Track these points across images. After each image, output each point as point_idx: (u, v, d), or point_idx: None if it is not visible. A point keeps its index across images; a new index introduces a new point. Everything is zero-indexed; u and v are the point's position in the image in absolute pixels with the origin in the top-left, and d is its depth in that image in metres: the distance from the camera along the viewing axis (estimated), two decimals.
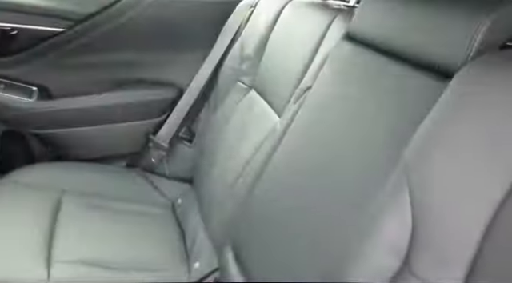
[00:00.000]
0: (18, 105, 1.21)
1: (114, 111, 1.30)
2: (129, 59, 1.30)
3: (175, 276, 0.97)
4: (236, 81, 1.19)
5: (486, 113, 0.45)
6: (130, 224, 1.09)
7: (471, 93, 0.47)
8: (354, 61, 0.68)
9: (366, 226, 0.53)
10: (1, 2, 1.13)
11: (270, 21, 1.12)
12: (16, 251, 0.89)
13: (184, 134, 1.33)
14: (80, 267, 0.89)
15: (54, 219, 1.01)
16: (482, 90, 0.46)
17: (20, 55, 1.20)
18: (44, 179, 1.15)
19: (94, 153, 1.33)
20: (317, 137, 0.68)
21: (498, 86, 0.46)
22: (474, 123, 0.46)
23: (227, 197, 0.96)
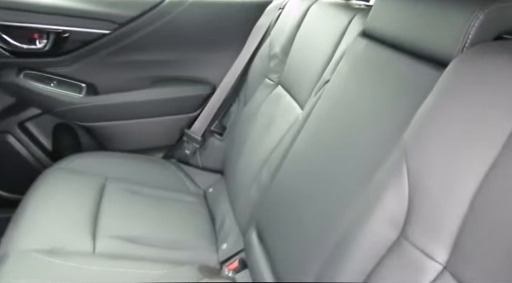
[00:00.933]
0: (69, 99, 1.34)
1: (153, 106, 1.42)
2: (167, 58, 1.41)
3: (205, 255, 1.05)
4: (264, 78, 1.27)
5: (475, 98, 0.51)
6: (165, 208, 1.18)
7: (462, 80, 0.52)
8: (367, 55, 0.74)
9: (370, 201, 0.60)
10: (55, 8, 1.26)
11: (296, 21, 1.19)
12: (66, 226, 1.00)
13: (215, 128, 1.43)
14: (121, 242, 0.99)
15: (99, 201, 1.12)
16: (473, 77, 0.52)
17: (71, 55, 1.33)
18: (90, 166, 1.27)
19: (134, 145, 1.45)
20: (331, 125, 0.74)
21: (486, 74, 0.51)
22: (464, 107, 0.51)
23: (253, 184, 1.04)
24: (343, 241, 0.62)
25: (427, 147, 0.53)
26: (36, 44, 1.27)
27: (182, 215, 1.19)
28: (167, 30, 1.36)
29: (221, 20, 1.39)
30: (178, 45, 1.40)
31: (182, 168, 1.41)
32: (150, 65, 1.40)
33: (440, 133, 0.52)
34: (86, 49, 1.32)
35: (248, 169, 1.12)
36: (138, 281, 0.89)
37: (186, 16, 1.36)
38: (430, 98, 0.54)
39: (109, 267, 0.90)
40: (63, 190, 1.14)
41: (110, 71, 1.37)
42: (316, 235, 0.70)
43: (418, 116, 0.55)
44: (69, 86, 1.34)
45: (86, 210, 1.06)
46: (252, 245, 0.93)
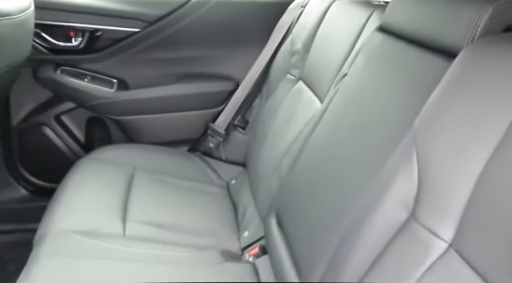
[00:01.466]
0: (101, 94, 1.42)
1: (179, 101, 1.48)
2: (193, 55, 1.47)
3: (227, 242, 1.11)
4: (286, 73, 1.31)
5: (482, 86, 0.54)
6: (190, 198, 1.24)
7: (470, 69, 0.55)
8: (383, 49, 0.77)
9: (382, 186, 0.63)
10: (89, 7, 1.35)
11: (317, 18, 1.22)
12: (98, 211, 1.07)
13: (239, 122, 1.48)
14: (149, 227, 1.06)
15: (128, 189, 1.18)
16: (480, 66, 0.55)
17: (103, 52, 1.41)
18: (120, 158, 1.34)
19: (161, 138, 1.52)
20: (347, 116, 0.78)
21: (494, 64, 0.54)
22: (471, 94, 0.54)
23: (273, 175, 1.09)
24: (357, 224, 0.66)
25: (435, 133, 0.57)
26: (72, 42, 1.36)
27: (206, 205, 1.24)
28: (193, 29, 1.42)
29: (245, 18, 1.44)
30: (204, 42, 1.46)
31: (206, 160, 1.47)
32: (177, 61, 1.47)
33: (448, 119, 0.56)
34: (118, 46, 1.40)
35: (269, 161, 1.16)
36: (163, 261, 0.95)
37: (211, 15, 1.42)
38: (439, 87, 0.58)
39: (137, 248, 0.96)
40: (95, 179, 1.21)
41: (139, 67, 1.44)
42: (331, 219, 0.74)
43: (428, 104, 0.59)
44: (101, 82, 1.43)
45: (116, 197, 1.13)
46: (272, 231, 0.98)
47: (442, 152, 0.56)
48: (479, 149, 0.52)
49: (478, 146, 0.52)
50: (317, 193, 0.81)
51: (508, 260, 0.47)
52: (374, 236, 0.63)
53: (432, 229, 0.55)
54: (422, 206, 0.57)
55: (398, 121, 0.65)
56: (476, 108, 0.53)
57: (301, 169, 0.91)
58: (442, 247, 0.54)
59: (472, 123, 0.53)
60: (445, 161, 0.55)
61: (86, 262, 0.89)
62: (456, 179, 0.54)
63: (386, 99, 0.70)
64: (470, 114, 0.53)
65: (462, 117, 0.54)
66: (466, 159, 0.53)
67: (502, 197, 0.49)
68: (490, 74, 0.54)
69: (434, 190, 0.56)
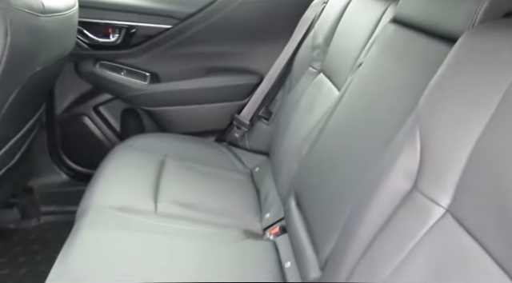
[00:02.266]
0: (135, 86, 1.53)
1: (207, 93, 1.58)
2: (220, 50, 1.56)
3: (250, 222, 1.18)
4: (308, 66, 1.38)
5: (478, 69, 0.59)
6: (216, 183, 1.32)
7: (469, 51, 0.61)
8: (394, 38, 0.83)
9: (389, 160, 0.69)
10: (125, 6, 1.46)
11: (338, 13, 1.29)
12: (133, 191, 1.16)
13: (263, 113, 1.56)
14: (178, 206, 1.15)
15: (159, 174, 1.28)
16: (478, 51, 0.60)
17: (138, 48, 1.52)
18: (151, 146, 1.44)
19: (189, 128, 1.61)
20: (360, 101, 0.84)
21: (491, 48, 0.59)
22: (468, 77, 0.60)
23: (294, 159, 1.16)
24: (366, 195, 0.72)
25: (436, 112, 0.62)
26: (110, 38, 1.47)
27: (231, 189, 1.32)
28: (221, 25, 1.51)
29: (269, 15, 1.52)
30: (231, 38, 1.55)
31: (232, 150, 1.56)
32: (205, 56, 1.56)
33: (447, 99, 0.61)
34: (151, 42, 1.51)
35: (290, 148, 1.23)
36: (189, 236, 1.03)
37: (238, 12, 1.50)
38: (440, 69, 0.63)
39: (167, 224, 1.06)
40: (129, 165, 1.31)
41: (170, 62, 1.54)
42: (343, 194, 0.80)
43: (430, 85, 0.64)
44: (135, 75, 1.54)
45: (148, 180, 1.22)
46: (291, 211, 1.05)
47: (442, 128, 0.61)
48: (473, 125, 0.57)
49: (472, 123, 0.57)
50: (331, 172, 0.88)
51: (496, 221, 0.53)
52: (381, 205, 0.69)
53: (431, 197, 0.61)
54: (424, 177, 0.63)
55: (405, 102, 0.71)
56: (472, 88, 0.58)
57: (317, 152, 0.97)
58: (440, 212, 0.60)
59: (468, 103, 0.59)
60: (444, 137, 0.61)
61: (122, 233, 0.99)
62: (453, 152, 0.59)
63: (394, 83, 0.76)
64: (466, 94, 0.59)
65: (460, 97, 0.60)
66: (461, 134, 0.58)
67: (491, 167, 0.54)
68: (486, 57, 0.59)
69: (434, 162, 0.62)
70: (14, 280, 1.33)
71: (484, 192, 0.55)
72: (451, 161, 0.59)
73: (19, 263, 1.40)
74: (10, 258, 1.41)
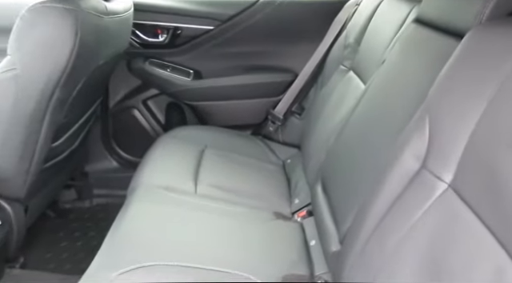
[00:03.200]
0: (180, 82, 1.68)
1: (244, 90, 1.70)
2: (258, 50, 1.68)
3: (280, 206, 1.28)
4: (339, 65, 1.47)
5: (481, 61, 0.67)
6: (251, 172, 1.43)
7: (474, 48, 0.68)
8: (413, 36, 0.91)
9: (401, 144, 0.78)
10: (172, 9, 1.61)
11: (368, 14, 1.37)
12: (175, 174, 1.30)
13: (296, 109, 1.66)
14: (215, 189, 1.27)
15: (199, 161, 1.41)
16: (482, 46, 0.68)
17: (183, 47, 1.66)
18: (192, 136, 1.57)
19: (228, 121, 1.74)
20: (380, 93, 0.93)
21: (494, 44, 0.67)
22: (471, 69, 0.67)
23: (322, 150, 1.25)
24: (381, 176, 0.81)
25: (443, 100, 0.70)
26: (159, 38, 1.63)
27: (264, 177, 1.43)
28: (259, 26, 1.63)
29: (305, 16, 1.62)
30: (268, 38, 1.66)
31: (266, 142, 1.67)
32: (244, 55, 1.69)
33: (452, 88, 0.69)
34: (195, 42, 1.65)
35: (319, 140, 1.33)
36: (224, 214, 1.15)
37: (275, 14, 1.62)
38: (449, 62, 0.71)
39: (205, 202, 1.18)
40: (172, 153, 1.45)
41: (212, 60, 1.68)
42: (362, 175, 0.89)
43: (439, 77, 0.72)
44: (180, 72, 1.68)
45: (189, 166, 1.35)
46: (317, 195, 1.15)
47: (448, 114, 0.69)
48: (474, 111, 0.65)
49: (473, 109, 0.65)
50: (352, 158, 0.97)
51: (489, 194, 0.60)
52: (393, 184, 0.77)
53: (436, 174, 0.69)
54: (431, 157, 0.71)
55: (419, 94, 0.79)
56: (475, 79, 0.66)
57: (342, 141, 1.07)
58: (443, 187, 0.68)
59: (470, 92, 0.66)
60: (449, 121, 0.69)
61: (166, 208, 1.12)
62: (456, 134, 0.67)
63: (410, 77, 0.84)
64: (469, 84, 0.67)
65: (464, 87, 0.67)
66: (464, 118, 0.66)
67: (487, 147, 0.62)
68: (489, 52, 0.66)
69: (440, 144, 0.70)
70: (71, 252, 1.50)
71: (480, 169, 0.63)
72: (455, 142, 0.67)
73: (75, 237, 1.57)
74: (66, 233, 1.59)
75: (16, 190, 1.14)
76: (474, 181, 0.64)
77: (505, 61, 0.63)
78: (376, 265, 0.76)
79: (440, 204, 0.68)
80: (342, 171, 1.02)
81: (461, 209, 0.64)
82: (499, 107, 0.62)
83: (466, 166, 0.65)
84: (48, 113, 1.07)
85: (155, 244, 0.97)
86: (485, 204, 0.61)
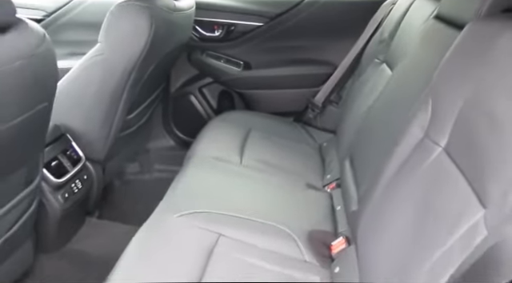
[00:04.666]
0: (231, 72, 1.91)
1: (288, 80, 1.89)
2: (301, 44, 1.87)
3: (313, 180, 1.46)
4: (374, 58, 1.62)
5: (475, 49, 0.82)
6: (290, 151, 1.62)
7: (470, 39, 0.83)
8: (430, 30, 1.06)
9: (410, 117, 0.94)
10: (227, 7, 1.84)
11: (402, 12, 1.51)
12: (224, 148, 1.51)
13: (334, 98, 1.83)
14: (258, 162, 1.47)
15: (245, 140, 1.61)
16: (477, 38, 0.83)
17: (235, 41, 1.89)
18: (240, 120, 1.78)
19: (272, 108, 1.94)
20: (401, 77, 1.09)
21: (487, 36, 0.81)
22: (467, 56, 0.82)
23: (352, 131, 1.42)
24: (393, 145, 0.97)
25: (443, 79, 0.86)
26: (215, 33, 1.86)
27: (301, 157, 1.61)
28: (304, 23, 1.82)
29: (345, 15, 1.79)
30: (311, 34, 1.84)
31: (306, 128, 1.85)
32: (289, 49, 1.88)
33: (450, 71, 0.85)
34: (246, 37, 1.87)
35: (351, 124, 1.49)
36: (264, 182, 1.35)
37: (319, 12, 1.80)
38: (450, 50, 0.87)
39: (248, 172, 1.39)
40: (222, 132, 1.67)
41: (260, 53, 1.89)
42: (380, 149, 1.06)
43: (442, 62, 0.88)
44: (232, 63, 1.91)
45: (235, 143, 1.56)
46: (345, 169, 1.32)
47: (445, 92, 0.85)
48: (465, 90, 0.80)
49: (465, 88, 0.81)
50: (375, 134, 1.14)
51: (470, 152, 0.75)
52: (402, 150, 0.94)
53: (435, 140, 0.85)
54: (432, 127, 0.87)
55: (427, 77, 0.95)
56: (468, 64, 0.82)
57: (368, 121, 1.23)
58: (439, 150, 0.84)
59: (464, 75, 0.82)
60: (446, 98, 0.85)
61: (216, 174, 1.34)
62: (452, 108, 0.83)
63: (424, 64, 0.99)
64: (463, 68, 0.82)
65: (459, 70, 0.83)
66: (457, 96, 0.82)
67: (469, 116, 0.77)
68: (482, 43, 0.81)
69: (439, 116, 0.86)
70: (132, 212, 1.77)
71: (465, 134, 0.78)
72: (450, 115, 0.83)
73: (136, 202, 1.84)
74: (130, 199, 1.86)
75: (97, 153, 1.41)
76: (459, 143, 0.80)
77: (493, 50, 0.78)
78: (384, 218, 0.93)
79: (435, 164, 0.84)
80: (366, 146, 1.19)
81: (449, 166, 0.80)
82: (484, 87, 0.77)
83: (456, 133, 0.81)
84: (125, 91, 1.32)
85: (207, 196, 1.20)
86: (465, 160, 0.77)
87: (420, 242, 0.76)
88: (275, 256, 1.05)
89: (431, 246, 0.72)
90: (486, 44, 0.80)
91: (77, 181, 1.31)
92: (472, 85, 0.79)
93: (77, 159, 1.32)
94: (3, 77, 0.73)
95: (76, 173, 1.30)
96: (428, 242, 0.74)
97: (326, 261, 1.08)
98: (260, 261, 1.01)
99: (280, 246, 1.08)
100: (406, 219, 0.85)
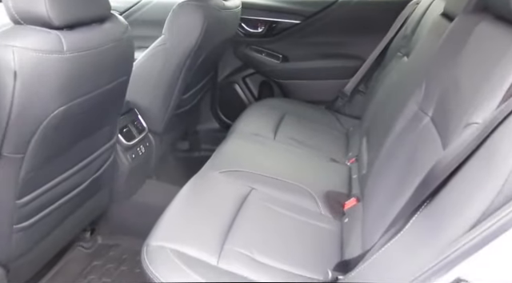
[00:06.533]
0: (271, 64, 2.17)
1: (321, 72, 2.13)
2: (334, 40, 2.10)
3: (337, 156, 1.69)
4: (397, 52, 1.82)
5: (457, 38, 1.02)
6: (320, 133, 1.86)
7: (456, 30, 1.04)
8: (435, 24, 1.26)
9: (408, 95, 1.15)
10: (270, 7, 2.11)
11: (423, 10, 1.70)
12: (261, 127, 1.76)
13: (361, 88, 2.04)
14: (289, 139, 1.72)
15: (279, 121, 1.86)
16: (461, 29, 1.03)
17: (275, 37, 2.15)
18: (276, 106, 2.02)
19: (306, 97, 2.18)
20: (407, 65, 1.30)
21: (467, 27, 1.01)
22: (452, 43, 1.03)
23: (372, 114, 1.63)
24: (394, 118, 1.19)
25: (434, 63, 1.07)
26: (258, 29, 2.14)
27: (329, 138, 1.84)
28: (337, 21, 2.04)
29: (374, 14, 2.00)
30: (343, 31, 2.07)
31: (335, 115, 2.07)
32: (323, 44, 2.12)
33: (440, 54, 1.06)
34: (285, 33, 2.12)
35: (372, 109, 1.70)
36: (295, 154, 1.60)
37: (352, 11, 2.02)
38: (442, 37, 1.08)
39: (280, 145, 1.64)
40: (260, 115, 1.93)
41: (297, 47, 2.14)
42: (387, 122, 1.27)
43: (436, 48, 1.09)
44: (272, 56, 2.17)
45: (272, 123, 1.82)
46: (362, 146, 1.54)
47: (435, 72, 1.06)
48: (448, 69, 1.01)
49: (447, 68, 1.01)
50: (384, 113, 1.35)
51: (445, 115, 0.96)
52: (400, 122, 1.16)
53: (425, 111, 1.06)
54: (424, 101, 1.08)
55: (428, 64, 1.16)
56: (451, 50, 1.02)
57: (383, 102, 1.45)
58: (426, 119, 1.05)
59: (448, 57, 1.02)
60: (435, 76, 1.05)
61: (253, 145, 1.61)
62: (438, 84, 1.04)
63: (426, 54, 1.20)
64: (449, 53, 1.03)
65: (446, 54, 1.04)
66: (442, 74, 1.03)
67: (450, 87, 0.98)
68: (462, 32, 1.01)
69: (429, 91, 1.07)
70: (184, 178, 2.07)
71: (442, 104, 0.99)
72: (436, 89, 1.04)
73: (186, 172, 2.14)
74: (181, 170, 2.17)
75: (157, 126, 1.72)
76: (439, 111, 1.00)
77: (468, 37, 0.98)
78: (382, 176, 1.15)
79: (423, 129, 1.05)
80: (378, 123, 1.41)
81: (431, 130, 1.01)
82: (460, 68, 0.98)
83: (438, 104, 1.02)
84: (181, 74, 1.62)
85: (244, 160, 1.47)
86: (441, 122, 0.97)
87: (400, 189, 0.98)
88: (296, 207, 1.29)
89: (407, 191, 0.92)
90: (465, 33, 1.00)
91: (141, 146, 1.62)
92: (452, 64, 1.00)
93: (141, 129, 1.64)
94: (102, 54, 1.04)
95: (140, 139, 1.61)
96: (405, 189, 0.95)
97: (338, 215, 1.31)
98: (282, 209, 1.26)
99: (301, 201, 1.33)
100: (395, 173, 1.06)
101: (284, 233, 1.17)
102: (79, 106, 1.02)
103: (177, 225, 1.12)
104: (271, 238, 1.13)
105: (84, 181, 1.27)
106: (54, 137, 1.00)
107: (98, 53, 1.03)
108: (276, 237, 1.15)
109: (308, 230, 1.20)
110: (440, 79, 1.03)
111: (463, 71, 0.91)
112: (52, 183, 1.11)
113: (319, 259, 1.07)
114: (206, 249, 1.04)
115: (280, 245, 1.11)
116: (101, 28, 1.06)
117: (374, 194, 1.16)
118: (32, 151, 0.95)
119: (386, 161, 1.16)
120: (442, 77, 1.03)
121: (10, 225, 1.02)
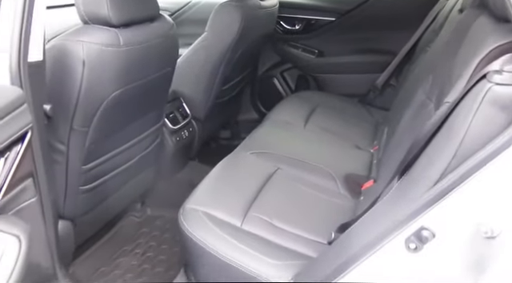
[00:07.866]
0: (307, 59, 2.32)
1: (354, 66, 2.24)
2: (367, 36, 2.20)
3: (362, 144, 1.80)
4: (426, 46, 1.89)
5: (463, 30, 1.12)
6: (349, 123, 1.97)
7: (459, 22, 1.14)
8: (453, 18, 1.35)
9: (418, 86, 1.26)
10: (306, 5, 2.25)
11: (452, 6, 1.77)
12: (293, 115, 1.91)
13: (392, 82, 2.13)
14: (318, 128, 1.86)
15: (311, 112, 2.00)
16: (461, 21, 1.13)
17: (312, 33, 2.29)
18: (310, 99, 2.16)
19: (339, 90, 2.30)
20: (426, 57, 1.40)
21: (467, 20, 1.11)
22: (459, 35, 1.13)
23: (399, 105, 1.73)
24: (406, 107, 1.31)
25: (441, 55, 1.18)
26: (295, 27, 2.29)
27: (357, 128, 1.95)
28: (370, 18, 2.15)
29: (406, 10, 2.08)
30: (376, 27, 2.17)
31: (367, 107, 2.18)
32: (357, 40, 2.23)
33: (447, 46, 1.16)
34: (321, 30, 2.26)
35: (400, 99, 1.80)
36: (323, 141, 1.74)
37: (384, 7, 2.12)
38: (450, 32, 1.18)
39: (309, 133, 1.79)
40: (294, 106, 2.07)
41: (332, 43, 2.27)
42: (401, 111, 1.39)
43: (444, 42, 1.20)
44: (308, 51, 2.32)
45: (303, 114, 1.96)
46: (383, 134, 1.65)
47: (441, 64, 1.17)
48: (450, 57, 1.11)
49: (450, 56, 1.12)
50: (404, 102, 1.46)
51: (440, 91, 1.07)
52: (410, 110, 1.27)
53: (431, 98, 1.17)
54: (431, 89, 1.19)
55: None
56: (454, 43, 1.12)
57: (404, 90, 1.56)
58: (432, 105, 1.15)
59: (451, 51, 1.13)
60: (441, 67, 1.16)
61: (284, 132, 1.77)
62: (442, 73, 1.14)
63: (439, 46, 1.30)
64: (452, 46, 1.13)
65: (450, 49, 1.14)
66: (445, 65, 1.13)
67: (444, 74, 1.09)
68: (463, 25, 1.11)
69: (435, 81, 1.18)
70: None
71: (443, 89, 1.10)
72: (440, 78, 1.15)
73: None
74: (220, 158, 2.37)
75: (199, 113, 1.93)
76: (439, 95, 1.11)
77: (468, 30, 1.08)
78: (391, 158, 1.27)
79: (427, 113, 1.16)
80: (395, 114, 1.52)
81: (431, 113, 1.12)
82: (457, 55, 1.08)
83: (440, 90, 1.13)
84: (221, 67, 1.82)
85: (273, 143, 1.63)
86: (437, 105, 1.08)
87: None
88: (316, 186, 1.44)
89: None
90: (465, 29, 1.10)
91: (184, 131, 1.84)
92: (453, 57, 1.10)
93: (185, 115, 1.86)
94: (151, 47, 1.25)
95: (184, 124, 1.83)
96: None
97: (356, 195, 1.44)
98: (303, 186, 1.42)
99: (322, 181, 1.47)
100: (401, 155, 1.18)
101: (301, 205, 1.32)
102: (132, 91, 1.25)
103: (208, 193, 1.31)
104: (290, 209, 1.29)
105: (135, 156, 1.50)
106: (112, 116, 1.23)
107: (148, 47, 1.25)
108: (294, 208, 1.30)
109: (324, 204, 1.35)
110: (443, 68, 1.14)
111: (458, 60, 1.01)
112: (109, 155, 1.35)
113: (330, 227, 1.22)
114: (233, 213, 1.23)
115: (296, 215, 1.27)
116: (150, 26, 1.28)
117: (383, 174, 1.28)
118: (95, 126, 1.19)
119: (396, 146, 1.28)
120: (444, 67, 1.13)
121: (77, 186, 1.27)
